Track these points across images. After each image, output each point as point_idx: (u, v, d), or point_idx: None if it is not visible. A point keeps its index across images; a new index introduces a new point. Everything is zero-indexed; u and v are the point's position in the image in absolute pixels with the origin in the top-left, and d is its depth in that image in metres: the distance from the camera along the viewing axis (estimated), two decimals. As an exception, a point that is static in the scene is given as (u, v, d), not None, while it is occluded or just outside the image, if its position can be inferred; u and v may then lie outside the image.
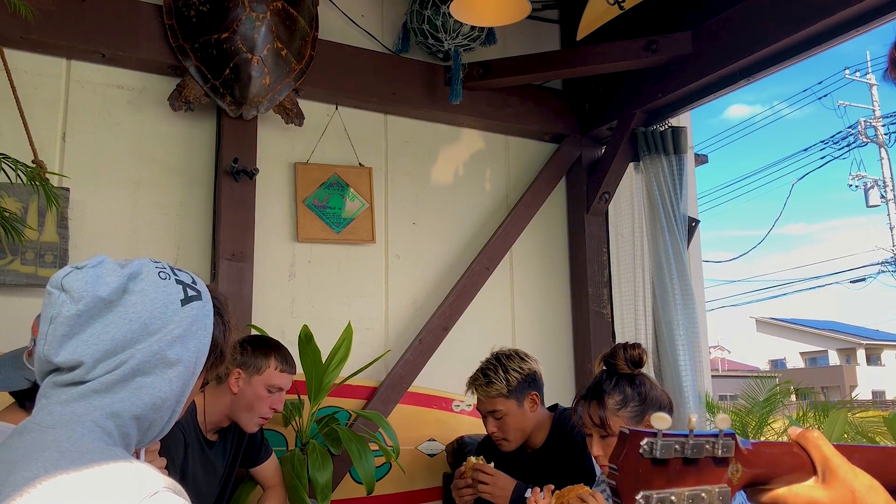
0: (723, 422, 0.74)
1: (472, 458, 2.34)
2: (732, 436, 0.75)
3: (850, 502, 0.76)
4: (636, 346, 1.83)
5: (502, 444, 2.42)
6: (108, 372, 0.95)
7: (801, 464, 0.79)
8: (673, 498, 0.72)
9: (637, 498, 0.70)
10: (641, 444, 0.71)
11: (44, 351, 0.96)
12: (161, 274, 1.03)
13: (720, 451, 0.74)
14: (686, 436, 0.73)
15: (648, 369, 3.17)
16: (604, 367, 1.86)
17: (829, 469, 0.77)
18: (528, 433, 2.41)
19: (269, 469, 2.49)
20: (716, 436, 0.74)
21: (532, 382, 2.41)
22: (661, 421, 0.72)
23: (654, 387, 1.81)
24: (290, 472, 2.49)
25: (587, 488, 1.83)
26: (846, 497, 0.76)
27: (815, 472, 0.78)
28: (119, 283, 0.98)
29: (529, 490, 2.24)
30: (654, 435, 0.71)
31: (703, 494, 0.73)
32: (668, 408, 1.82)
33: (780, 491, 0.78)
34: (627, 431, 0.72)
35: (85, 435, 0.91)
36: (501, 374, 2.37)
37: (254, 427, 2.31)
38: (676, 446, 0.72)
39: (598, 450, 1.77)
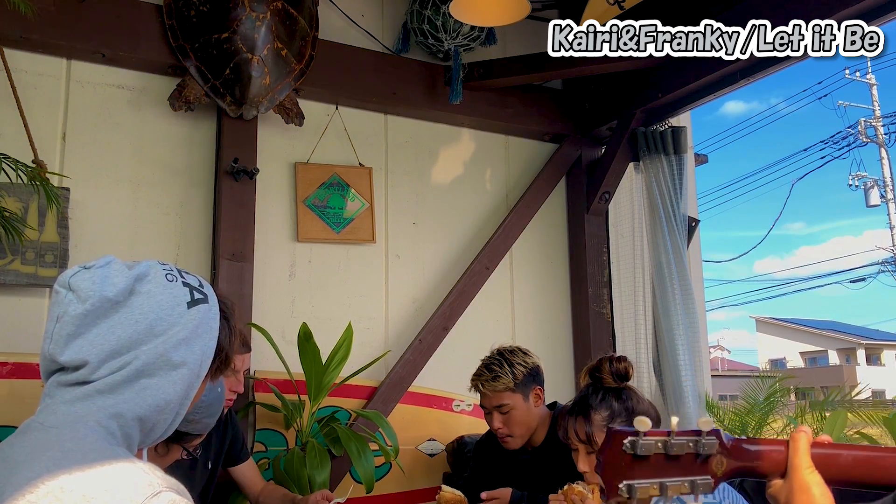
0: (704, 424, 0.80)
1: (446, 489, 2.25)
2: (717, 433, 0.80)
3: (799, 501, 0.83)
4: (622, 359, 1.81)
5: (507, 442, 2.38)
6: (112, 372, 0.95)
7: (781, 460, 0.85)
8: (654, 486, 0.77)
9: (620, 486, 0.76)
10: (624, 441, 0.76)
11: (49, 349, 0.96)
12: (168, 276, 1.03)
13: (702, 449, 0.79)
14: (668, 433, 0.78)
15: (648, 370, 3.19)
16: (589, 381, 1.84)
17: (793, 467, 0.84)
18: (533, 429, 2.38)
19: (253, 467, 2.48)
20: (698, 434, 0.79)
21: (536, 376, 2.40)
22: (641, 424, 0.77)
23: (640, 400, 1.79)
24: (290, 472, 2.49)
25: (579, 487, 1.81)
26: (800, 499, 0.83)
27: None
28: (126, 284, 0.99)
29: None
30: (637, 434, 0.77)
31: (686, 484, 0.79)
32: (656, 421, 1.79)
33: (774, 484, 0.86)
34: (613, 430, 0.78)
35: (88, 435, 0.91)
36: (507, 368, 2.35)
37: None
38: (659, 444, 0.77)
39: (585, 465, 1.74)
